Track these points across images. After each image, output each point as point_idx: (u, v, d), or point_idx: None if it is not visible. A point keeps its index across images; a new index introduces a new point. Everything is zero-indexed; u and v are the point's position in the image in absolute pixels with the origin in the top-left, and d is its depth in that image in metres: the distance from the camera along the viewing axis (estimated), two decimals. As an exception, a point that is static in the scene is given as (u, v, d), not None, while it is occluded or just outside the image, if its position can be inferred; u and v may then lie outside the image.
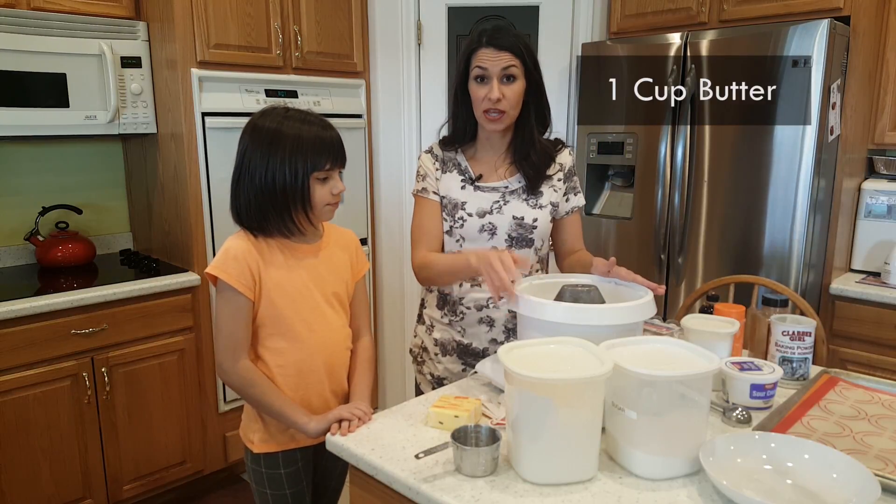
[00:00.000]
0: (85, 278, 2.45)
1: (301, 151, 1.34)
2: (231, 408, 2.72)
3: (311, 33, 2.81)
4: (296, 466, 1.48)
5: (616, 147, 2.75)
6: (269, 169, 1.35)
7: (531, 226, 1.65)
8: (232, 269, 1.35)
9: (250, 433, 1.48)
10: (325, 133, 1.37)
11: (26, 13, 2.28)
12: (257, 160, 1.36)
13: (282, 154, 1.34)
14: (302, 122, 1.37)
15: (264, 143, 1.36)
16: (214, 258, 1.38)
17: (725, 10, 2.59)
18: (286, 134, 1.35)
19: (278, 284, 1.40)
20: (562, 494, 1.03)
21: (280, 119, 1.37)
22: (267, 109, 1.41)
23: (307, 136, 1.35)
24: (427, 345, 1.77)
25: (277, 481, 1.47)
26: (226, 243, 1.39)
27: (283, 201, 1.36)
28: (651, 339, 1.21)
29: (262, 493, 1.49)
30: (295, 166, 1.34)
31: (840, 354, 2.49)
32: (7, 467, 2.15)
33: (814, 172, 2.31)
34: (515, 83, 1.56)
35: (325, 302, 1.46)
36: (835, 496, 0.98)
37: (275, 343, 1.42)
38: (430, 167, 1.69)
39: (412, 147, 3.12)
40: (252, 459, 1.49)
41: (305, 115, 1.39)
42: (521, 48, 1.55)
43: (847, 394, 1.41)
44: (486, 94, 1.55)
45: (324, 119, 1.41)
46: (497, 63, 1.53)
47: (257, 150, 1.36)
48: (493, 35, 1.55)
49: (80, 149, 2.79)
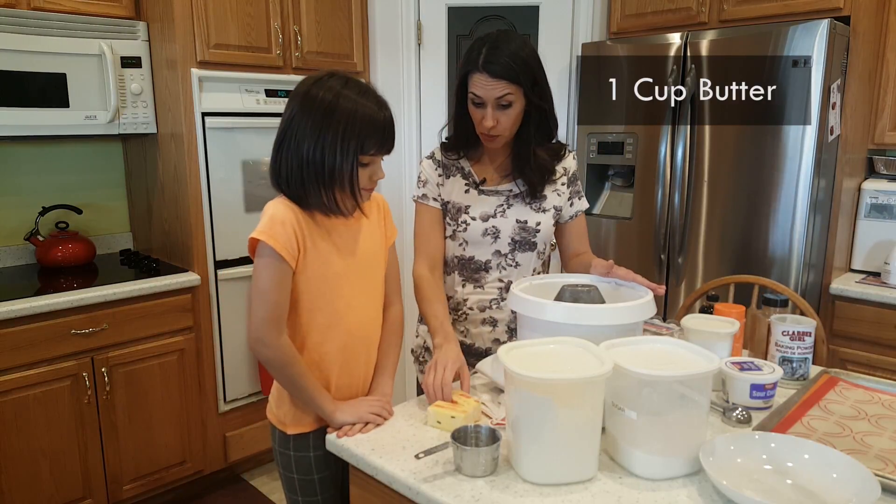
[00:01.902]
0: (85, 278, 2.45)
1: (353, 131, 1.27)
2: (231, 408, 2.72)
3: (311, 33, 2.81)
4: (325, 450, 1.38)
5: (616, 147, 2.75)
6: (318, 143, 1.27)
7: (534, 230, 1.64)
8: (280, 235, 1.28)
9: (281, 414, 1.42)
10: (379, 114, 1.29)
11: (26, 13, 2.28)
12: (306, 130, 1.28)
13: (334, 130, 1.26)
14: (359, 96, 1.28)
15: (317, 114, 1.27)
16: (259, 224, 1.30)
17: (725, 10, 2.59)
18: (342, 108, 1.26)
19: (319, 257, 1.34)
20: (562, 494, 1.03)
21: (338, 90, 1.28)
22: (323, 77, 1.32)
23: (362, 114, 1.27)
24: (429, 344, 1.77)
25: (306, 465, 1.42)
26: (269, 209, 1.32)
27: (329, 179, 1.29)
28: (651, 339, 1.21)
29: (289, 479, 1.44)
30: (347, 145, 1.27)
31: (840, 354, 2.49)
32: (7, 467, 2.15)
33: (814, 172, 2.31)
34: (512, 108, 1.51)
35: (362, 276, 1.41)
36: (835, 496, 0.98)
37: (316, 320, 1.36)
38: (431, 173, 1.67)
39: (412, 147, 3.12)
40: (280, 442, 1.43)
41: (363, 88, 1.31)
42: (519, 73, 1.48)
43: (847, 394, 1.41)
44: (482, 118, 1.52)
45: (380, 97, 1.32)
46: (491, 92, 1.48)
47: (307, 120, 1.28)
48: (488, 59, 1.47)
49: (80, 149, 2.79)
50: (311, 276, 1.33)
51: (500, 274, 1.66)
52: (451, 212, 1.66)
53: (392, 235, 1.52)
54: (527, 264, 1.67)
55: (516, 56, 1.48)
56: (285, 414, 1.42)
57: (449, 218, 1.67)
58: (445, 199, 1.67)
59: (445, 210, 1.67)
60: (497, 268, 1.66)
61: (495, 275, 1.66)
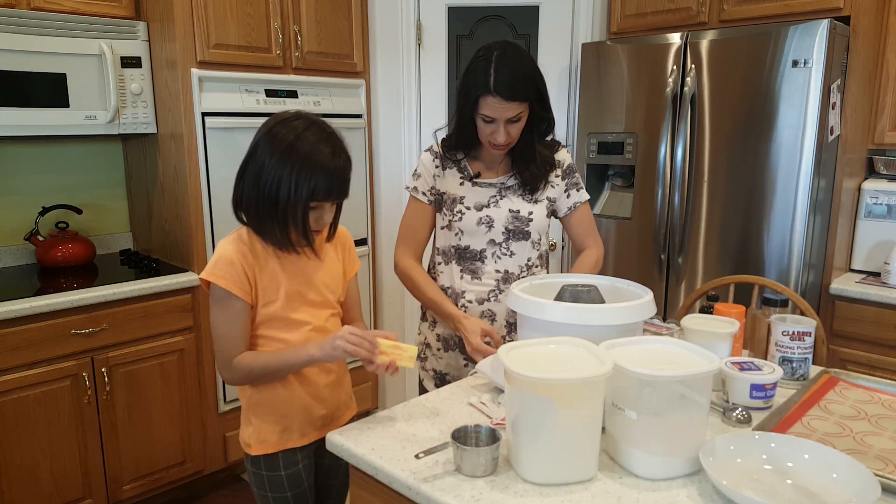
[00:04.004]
0: (85, 278, 2.45)
1: (305, 175, 1.31)
2: (231, 408, 2.72)
3: (311, 33, 2.81)
4: (296, 468, 1.48)
5: (616, 147, 2.76)
6: (274, 181, 1.32)
7: (527, 219, 1.69)
8: (228, 274, 1.35)
9: (246, 436, 1.48)
10: (332, 162, 1.33)
11: (26, 13, 2.28)
12: (265, 167, 1.33)
13: (289, 171, 1.31)
14: (318, 140, 1.32)
15: (276, 153, 1.32)
16: (208, 264, 1.38)
17: (725, 10, 2.59)
18: (298, 152, 1.31)
19: (271, 285, 1.40)
20: (562, 494, 1.03)
21: (299, 132, 1.33)
22: (290, 116, 1.37)
23: (315, 160, 1.31)
24: (430, 340, 1.79)
25: (278, 483, 1.47)
26: (218, 248, 1.39)
27: (282, 216, 1.34)
28: (651, 339, 1.21)
29: (263, 497, 1.49)
30: (300, 189, 1.31)
31: (840, 354, 2.49)
32: (7, 467, 2.15)
33: (814, 172, 2.31)
34: (520, 122, 1.59)
35: (316, 302, 1.46)
36: (835, 496, 0.98)
37: (271, 346, 1.43)
38: (428, 166, 1.73)
39: (412, 147, 3.12)
40: (252, 463, 1.49)
41: (323, 135, 1.34)
42: (529, 91, 1.54)
43: (847, 394, 1.41)
44: (493, 132, 1.57)
45: (337, 144, 1.36)
46: (504, 113, 1.54)
47: (267, 157, 1.33)
48: (498, 83, 1.50)
49: (80, 149, 2.79)
50: (266, 299, 1.40)
51: (497, 264, 1.70)
52: (446, 202, 1.71)
53: (353, 268, 1.58)
54: (522, 253, 1.71)
55: (525, 75, 1.53)
56: (249, 436, 1.48)
57: (445, 209, 1.72)
58: (442, 190, 1.72)
59: (441, 201, 1.73)
60: (493, 257, 1.70)
61: (492, 265, 1.70)
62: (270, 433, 1.45)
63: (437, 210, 1.75)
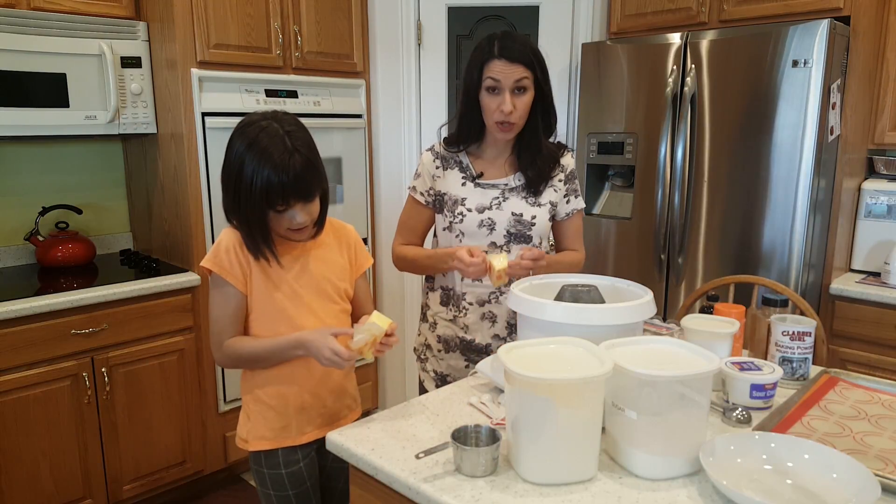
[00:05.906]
0: (85, 278, 2.45)
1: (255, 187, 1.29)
2: (231, 408, 2.72)
3: (311, 33, 2.81)
4: (297, 466, 1.48)
5: (616, 147, 2.76)
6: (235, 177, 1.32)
7: (529, 223, 1.67)
8: (224, 262, 1.38)
9: (244, 432, 1.49)
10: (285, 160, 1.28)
11: (26, 13, 2.28)
12: (231, 163, 1.33)
13: (244, 186, 1.31)
14: (275, 139, 1.29)
15: (232, 167, 1.33)
16: (209, 251, 1.41)
17: (725, 10, 2.59)
18: (247, 165, 1.30)
19: (266, 279, 1.41)
20: (562, 494, 1.03)
21: (252, 137, 1.31)
22: (257, 117, 1.35)
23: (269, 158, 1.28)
24: (430, 342, 1.79)
25: (279, 482, 1.47)
26: (219, 236, 1.42)
27: (247, 227, 1.36)
28: (651, 339, 1.21)
29: (266, 495, 1.49)
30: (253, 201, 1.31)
31: (840, 354, 2.49)
32: (7, 467, 2.15)
33: (814, 172, 2.31)
34: (526, 94, 1.59)
35: (315, 298, 1.46)
36: (835, 496, 0.98)
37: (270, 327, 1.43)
38: (428, 166, 1.72)
39: (412, 147, 3.12)
40: (254, 460, 1.49)
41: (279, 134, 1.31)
42: (533, 59, 1.57)
43: (847, 394, 1.41)
44: (499, 105, 1.57)
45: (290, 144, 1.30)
46: (510, 76, 1.55)
47: (227, 169, 1.35)
48: (504, 45, 1.55)
49: (80, 149, 2.79)
50: (256, 297, 1.41)
51: None
52: (447, 203, 1.70)
53: (364, 264, 1.58)
54: None
55: (528, 45, 1.58)
56: (248, 432, 1.49)
57: (446, 210, 1.71)
58: (442, 191, 1.71)
59: (441, 202, 1.72)
60: None
61: None
62: (268, 429, 1.46)
63: (437, 211, 1.74)
